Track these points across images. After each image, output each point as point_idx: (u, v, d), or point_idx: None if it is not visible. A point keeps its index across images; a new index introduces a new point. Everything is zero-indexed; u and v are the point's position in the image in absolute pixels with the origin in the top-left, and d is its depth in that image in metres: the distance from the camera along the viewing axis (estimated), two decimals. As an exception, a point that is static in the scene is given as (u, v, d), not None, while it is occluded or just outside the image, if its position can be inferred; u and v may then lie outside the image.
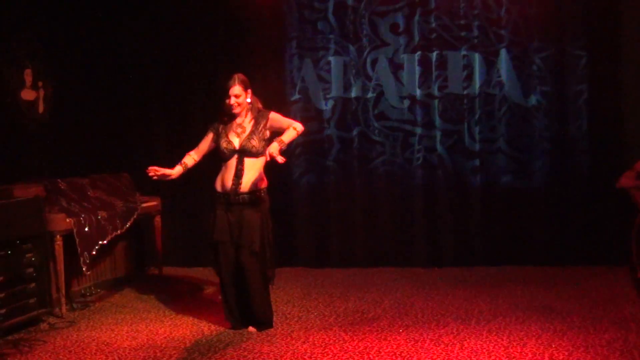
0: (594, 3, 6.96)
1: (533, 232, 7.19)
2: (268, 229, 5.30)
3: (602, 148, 7.00)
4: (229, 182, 5.23)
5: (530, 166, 7.22)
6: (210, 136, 5.42)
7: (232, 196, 5.22)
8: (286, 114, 7.26)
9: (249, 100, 5.32)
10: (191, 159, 5.48)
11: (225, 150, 5.25)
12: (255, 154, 5.22)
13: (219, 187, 5.31)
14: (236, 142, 5.25)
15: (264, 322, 5.32)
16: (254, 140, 5.22)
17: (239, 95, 5.26)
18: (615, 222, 6.85)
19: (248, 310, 5.30)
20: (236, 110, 5.28)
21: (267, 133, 5.31)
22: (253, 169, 5.22)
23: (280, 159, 4.99)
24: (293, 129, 5.27)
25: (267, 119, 5.31)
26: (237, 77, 5.28)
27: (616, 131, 6.96)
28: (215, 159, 5.44)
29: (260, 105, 5.41)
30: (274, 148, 5.03)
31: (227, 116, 5.34)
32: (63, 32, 7.09)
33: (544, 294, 6.03)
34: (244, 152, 5.21)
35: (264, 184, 5.30)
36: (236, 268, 5.26)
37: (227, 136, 5.28)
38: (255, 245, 5.19)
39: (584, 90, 7.02)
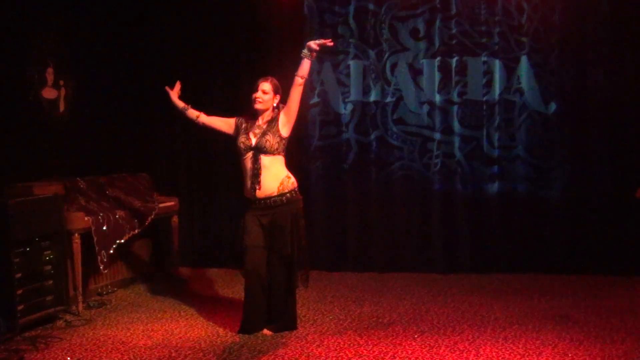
0: (617, 12, 6.90)
1: (551, 240, 7.14)
2: (299, 231, 5.25)
3: (622, 157, 6.95)
4: (248, 184, 5.24)
5: (549, 174, 7.17)
6: (231, 124, 5.41)
7: (261, 200, 5.21)
8: (304, 116, 7.34)
9: (275, 104, 5.33)
10: (195, 113, 5.54)
11: (241, 145, 5.25)
12: (270, 151, 5.19)
13: (246, 193, 5.31)
14: (253, 140, 5.25)
15: (285, 324, 5.33)
16: (268, 136, 5.20)
17: (267, 93, 5.28)
18: (634, 232, 6.81)
19: (271, 311, 5.30)
20: (258, 106, 5.28)
21: (283, 131, 5.25)
22: (271, 168, 5.20)
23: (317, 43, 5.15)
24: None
25: (279, 117, 5.28)
26: (272, 78, 5.35)
27: (637, 141, 6.90)
28: (235, 162, 5.45)
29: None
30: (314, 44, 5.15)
31: (252, 116, 5.35)
32: (85, 32, 7.15)
33: (561, 303, 5.99)
34: (259, 150, 5.20)
35: (292, 185, 5.27)
36: (266, 270, 5.25)
37: (247, 133, 5.29)
38: (285, 248, 5.19)
39: (604, 99, 6.97)
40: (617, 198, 6.90)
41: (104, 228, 6.07)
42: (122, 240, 6.29)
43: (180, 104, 5.63)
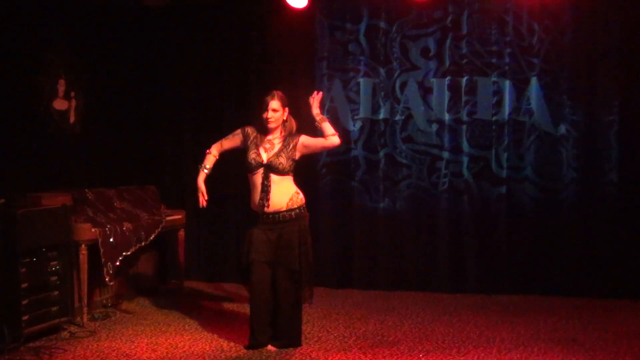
0: (628, 34, 6.90)
1: (558, 261, 7.11)
2: (306, 247, 5.26)
3: (631, 181, 6.91)
4: (257, 199, 5.24)
5: (557, 195, 7.15)
6: (238, 137, 5.43)
7: (270, 215, 5.21)
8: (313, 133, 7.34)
9: (285, 118, 5.34)
10: (211, 158, 5.51)
11: (252, 162, 5.26)
12: (281, 172, 5.21)
13: (254, 207, 5.31)
14: (264, 156, 5.25)
15: (290, 341, 5.30)
16: (282, 158, 5.22)
17: (277, 110, 5.29)
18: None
19: (276, 327, 5.27)
20: (271, 125, 5.30)
21: (297, 154, 5.29)
22: (280, 185, 5.21)
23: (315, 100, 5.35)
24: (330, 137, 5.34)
25: (297, 141, 5.30)
26: (277, 93, 5.34)
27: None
28: (243, 177, 5.46)
29: (294, 127, 5.43)
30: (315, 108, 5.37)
31: (261, 130, 5.37)
32: (97, 44, 7.19)
33: (568, 325, 5.95)
34: (270, 168, 5.21)
35: (300, 201, 5.28)
36: (271, 286, 5.23)
37: (257, 148, 5.29)
38: (293, 264, 5.18)
39: (614, 121, 6.95)
40: (626, 220, 6.87)
41: (111, 240, 6.08)
42: (129, 253, 6.28)
43: (203, 178, 5.56)
